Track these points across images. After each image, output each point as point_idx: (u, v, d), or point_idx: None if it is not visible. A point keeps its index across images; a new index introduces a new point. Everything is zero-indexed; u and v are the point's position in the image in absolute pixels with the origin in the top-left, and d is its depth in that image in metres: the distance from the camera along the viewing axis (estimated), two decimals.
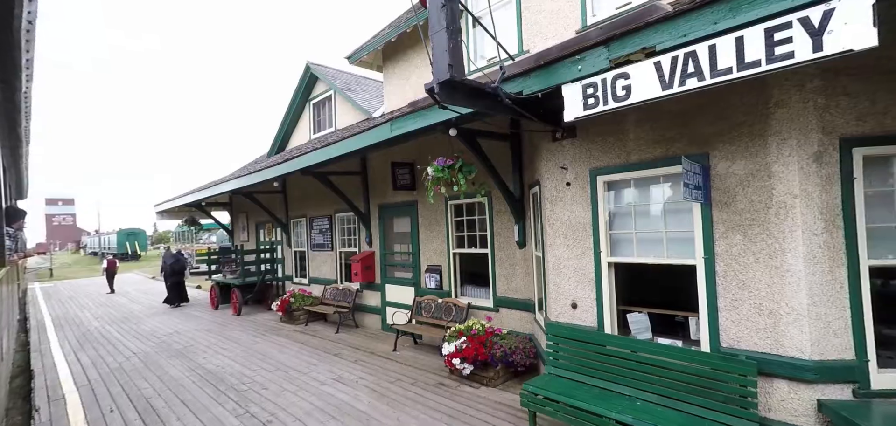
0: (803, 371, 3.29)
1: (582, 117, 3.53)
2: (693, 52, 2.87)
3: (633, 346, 4.22)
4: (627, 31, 3.21)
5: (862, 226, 3.28)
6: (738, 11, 2.70)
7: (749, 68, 2.68)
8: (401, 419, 4.91)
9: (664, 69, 3.02)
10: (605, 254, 4.51)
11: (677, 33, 2.97)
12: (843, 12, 2.37)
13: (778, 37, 2.56)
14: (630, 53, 3.23)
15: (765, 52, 2.62)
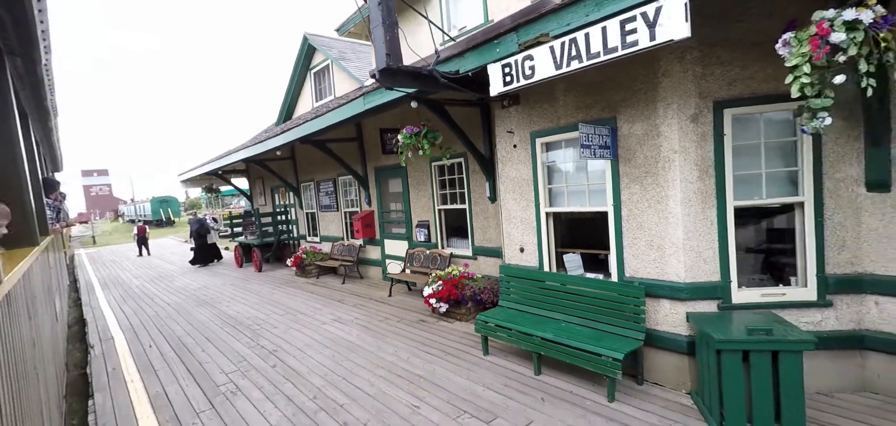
0: (679, 291, 4.11)
1: (502, 91, 4.29)
2: (574, 38, 3.58)
3: (563, 281, 5.10)
4: (529, 20, 3.91)
5: (729, 175, 3.98)
6: (602, 6, 3.38)
7: (610, 53, 3.39)
8: (381, 346, 6.00)
9: (556, 53, 3.74)
10: (543, 206, 5.32)
11: (563, 22, 3.67)
12: (666, 10, 3.04)
13: (628, 28, 3.25)
14: (534, 39, 3.94)
15: (620, 39, 3.32)
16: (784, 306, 3.99)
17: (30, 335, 3.16)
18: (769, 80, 3.83)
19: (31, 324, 3.27)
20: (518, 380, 4.70)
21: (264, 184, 16.58)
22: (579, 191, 5.01)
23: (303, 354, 5.96)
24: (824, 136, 3.84)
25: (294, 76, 13.89)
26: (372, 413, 4.27)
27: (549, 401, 4.22)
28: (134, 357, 6.37)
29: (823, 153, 3.87)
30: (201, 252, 16.00)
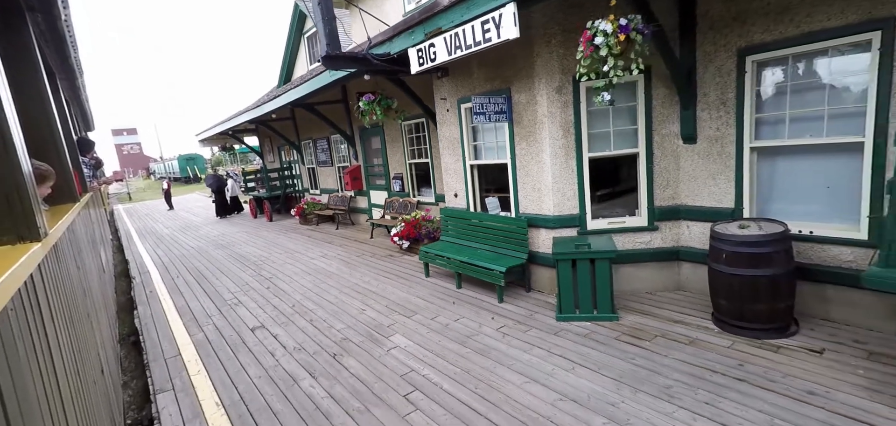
0: (550, 222, 5.44)
1: (419, 71, 5.54)
2: (456, 32, 4.77)
3: (480, 218, 6.48)
4: (428, 16, 5.09)
5: (585, 133, 5.19)
6: (471, 9, 4.55)
7: (477, 45, 4.60)
8: (351, 274, 7.59)
9: (447, 42, 4.94)
10: (469, 159, 6.62)
11: (449, 20, 4.84)
12: (505, 17, 4.22)
13: (486, 28, 4.44)
14: (434, 30, 5.13)
15: (482, 36, 4.52)
16: (625, 231, 5.29)
17: (80, 284, 3.28)
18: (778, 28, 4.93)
19: (79, 274, 3.37)
20: (443, 292, 6.21)
21: (272, 142, 18.12)
22: (492, 147, 6.27)
23: (291, 280, 7.61)
24: (654, 101, 4.99)
25: (289, 40, 15.01)
26: (330, 313, 5.86)
27: (459, 303, 5.71)
28: (165, 284, 8.17)
29: (653, 115, 5.02)
30: (222, 206, 17.88)
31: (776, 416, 3.03)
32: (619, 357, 4.01)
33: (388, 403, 3.72)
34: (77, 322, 2.68)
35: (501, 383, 3.82)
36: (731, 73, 4.54)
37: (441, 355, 4.43)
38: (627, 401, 3.38)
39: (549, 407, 3.43)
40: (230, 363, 4.76)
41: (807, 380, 3.38)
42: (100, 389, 3.02)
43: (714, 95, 4.71)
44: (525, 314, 5.17)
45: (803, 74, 4.15)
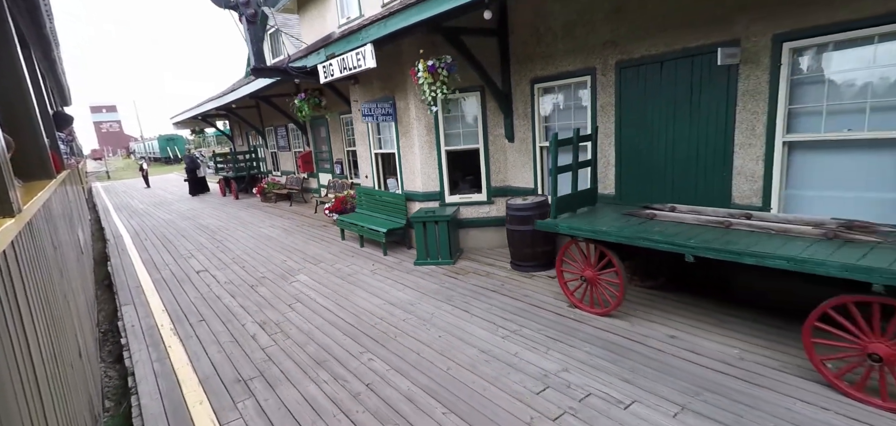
0: (419, 196, 7.32)
1: (325, 82, 7.30)
2: (342, 57, 6.55)
3: (379, 194, 8.33)
4: (327, 44, 6.85)
5: (442, 132, 7.05)
6: (350, 43, 6.32)
7: (354, 69, 6.38)
8: (286, 238, 9.38)
9: (338, 64, 6.72)
10: (373, 148, 8.44)
11: (340, 48, 6.61)
12: (367, 51, 6.01)
13: (357, 57, 6.23)
14: (331, 53, 6.89)
15: (356, 62, 6.30)
16: (472, 204, 7.20)
17: (57, 264, 3.18)
18: (463, 79, 6.78)
19: (56, 254, 3.26)
20: (349, 250, 8.06)
21: (241, 127, 19.59)
22: (388, 140, 8.10)
23: (237, 242, 9.36)
24: (488, 112, 6.87)
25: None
26: (259, 262, 7.66)
27: (355, 256, 7.57)
28: (134, 245, 9.82)
29: (488, 121, 6.91)
30: (194, 184, 19.32)
31: (502, 306, 4.97)
32: (436, 283, 5.93)
33: (276, 308, 5.57)
34: (53, 303, 2.62)
35: (354, 298, 5.71)
36: (528, 95, 6.45)
37: (325, 285, 6.29)
38: (422, 303, 5.31)
39: (374, 306, 5.33)
40: (176, 290, 6.54)
41: (534, 292, 5.35)
42: (78, 373, 3.01)
43: (521, 110, 6.62)
44: (396, 262, 7.06)
45: (565, 98, 6.09)
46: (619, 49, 5.31)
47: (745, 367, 3.51)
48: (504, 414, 3.27)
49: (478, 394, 3.53)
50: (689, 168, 4.86)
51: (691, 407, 3.13)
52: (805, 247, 3.27)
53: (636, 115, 5.27)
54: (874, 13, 3.50)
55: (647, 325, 4.30)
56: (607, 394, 3.37)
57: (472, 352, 4.15)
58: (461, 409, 3.36)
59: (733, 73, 4.36)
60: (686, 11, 4.62)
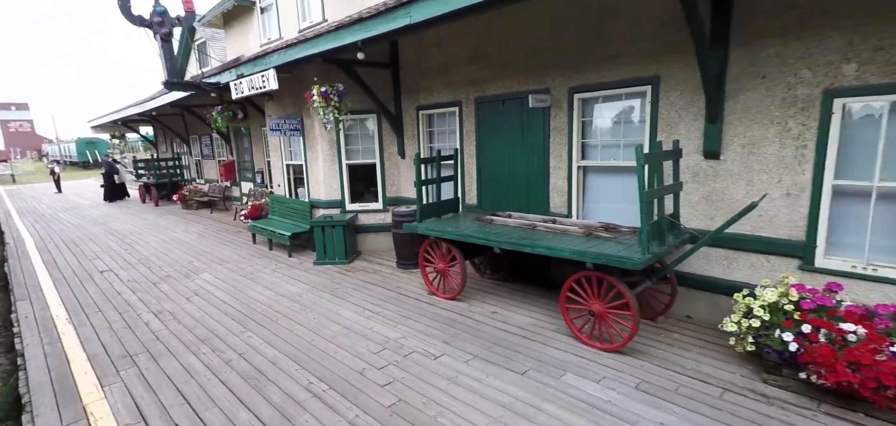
0: (323, 204, 8.10)
1: (237, 98, 7.92)
2: (249, 78, 7.24)
3: (289, 202, 8.99)
4: (237, 64, 7.51)
5: (343, 147, 7.92)
6: (256, 65, 7.04)
7: (260, 89, 7.11)
8: (199, 242, 9.70)
9: (246, 84, 7.39)
10: (285, 160, 9.10)
11: (248, 69, 7.30)
12: (270, 74, 6.77)
13: (263, 79, 6.96)
14: (239, 73, 7.55)
15: (262, 83, 7.03)
16: (371, 212, 8.10)
17: None
18: (361, 103, 7.70)
19: None
20: (258, 252, 8.61)
21: (165, 134, 19.16)
22: (298, 152, 8.81)
23: (148, 245, 9.54)
24: (383, 132, 7.85)
25: (181, 44, 16.41)
26: (166, 263, 8.01)
27: (262, 257, 8.16)
28: (37, 248, 9.65)
29: (383, 140, 7.89)
30: (110, 190, 18.52)
31: (376, 295, 5.87)
32: (327, 279, 6.73)
33: (174, 301, 6.09)
34: None
35: (250, 291, 6.35)
36: (415, 119, 7.53)
37: (226, 281, 6.86)
38: (309, 294, 6.08)
39: (266, 298, 6.03)
40: (77, 287, 6.79)
41: (406, 285, 6.31)
42: None
43: (411, 131, 7.68)
44: (298, 262, 7.76)
45: (440, 123, 7.23)
46: (477, 87, 6.51)
47: (532, 329, 4.67)
48: (343, 367, 4.15)
49: (329, 356, 4.38)
50: (524, 183, 6.10)
51: (481, 356, 4.20)
52: (570, 242, 4.49)
53: (490, 140, 6.47)
54: (620, 78, 4.89)
55: (480, 306, 5.40)
56: (427, 351, 4.37)
57: (337, 329, 5.00)
58: (311, 366, 4.20)
59: (547, 113, 5.65)
60: (517, 64, 5.90)
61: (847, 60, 3.56)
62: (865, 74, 3.49)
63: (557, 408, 3.40)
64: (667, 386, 3.59)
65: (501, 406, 3.46)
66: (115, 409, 3.70)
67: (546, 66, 5.59)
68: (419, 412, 3.47)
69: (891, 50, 3.38)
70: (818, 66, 3.69)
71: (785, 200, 3.99)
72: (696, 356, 4.00)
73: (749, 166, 4.17)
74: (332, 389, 3.85)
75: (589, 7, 5.05)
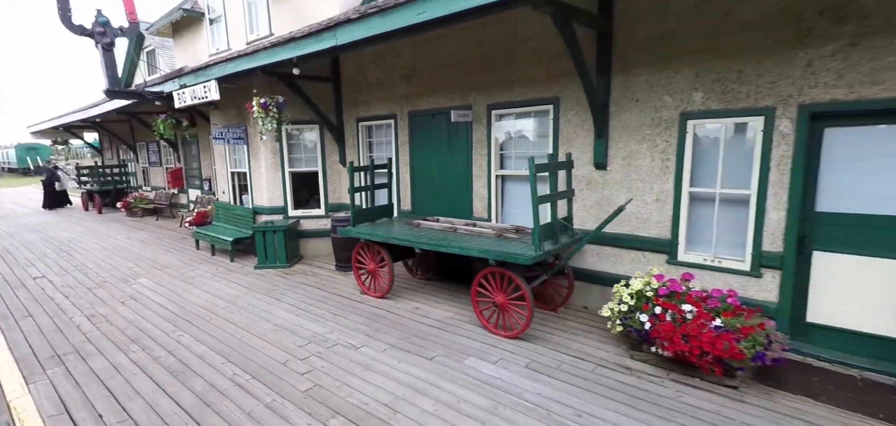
0: (266, 210, 8.26)
1: (180, 107, 7.98)
2: (192, 88, 7.35)
3: (233, 208, 9.06)
4: (180, 74, 7.60)
5: (286, 156, 8.13)
6: (198, 77, 7.18)
7: (203, 99, 7.23)
8: (143, 250, 9.55)
9: (189, 93, 7.49)
10: (229, 168, 9.18)
11: (191, 80, 7.41)
12: (212, 86, 6.93)
13: (206, 90, 7.10)
14: (182, 84, 7.64)
15: (204, 93, 7.17)
16: (313, 217, 8.33)
17: None
18: (304, 114, 7.95)
19: None
20: (200, 258, 8.62)
21: (111, 141, 18.45)
22: (242, 160, 8.93)
23: (86, 252, 9.30)
24: (325, 141, 8.14)
25: (129, 52, 15.97)
26: (104, 269, 7.89)
27: (204, 263, 8.19)
28: None
29: (325, 149, 8.18)
30: (50, 197, 17.58)
31: (311, 296, 6.12)
32: (266, 282, 6.91)
33: (108, 305, 6.09)
34: None
35: (187, 295, 6.44)
36: (355, 130, 7.88)
37: (164, 286, 6.89)
38: (246, 296, 6.26)
39: (203, 300, 6.15)
40: (7, 294, 6.62)
41: (342, 286, 6.60)
42: None
43: (351, 141, 8.02)
44: (239, 266, 7.87)
45: (378, 134, 7.62)
46: (410, 102, 6.95)
47: (448, 322, 5.10)
48: (269, 359, 4.41)
49: (257, 351, 4.63)
50: (451, 190, 6.57)
51: (398, 345, 4.58)
52: (482, 242, 4.97)
53: (422, 150, 6.92)
54: (528, 98, 5.47)
55: (406, 302, 5.79)
56: (349, 343, 4.70)
57: (268, 326, 5.24)
58: (238, 360, 4.43)
59: (470, 127, 6.17)
60: (444, 83, 6.39)
61: (695, 89, 4.26)
62: (708, 101, 4.20)
63: (454, 385, 3.83)
64: (551, 364, 4.10)
65: (405, 385, 3.85)
66: (39, 404, 3.80)
67: (468, 85, 6.11)
68: (331, 393, 3.80)
69: (725, 82, 4.10)
70: (675, 93, 4.39)
71: (656, 205, 4.65)
72: (582, 339, 4.56)
73: (629, 176, 4.82)
74: (254, 379, 4.10)
75: (500, 36, 5.62)
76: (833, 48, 3.52)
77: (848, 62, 3.47)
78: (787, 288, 3.93)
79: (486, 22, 5.48)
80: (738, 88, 4.01)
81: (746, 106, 3.97)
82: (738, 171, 4.14)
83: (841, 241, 3.72)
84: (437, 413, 3.48)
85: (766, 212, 3.98)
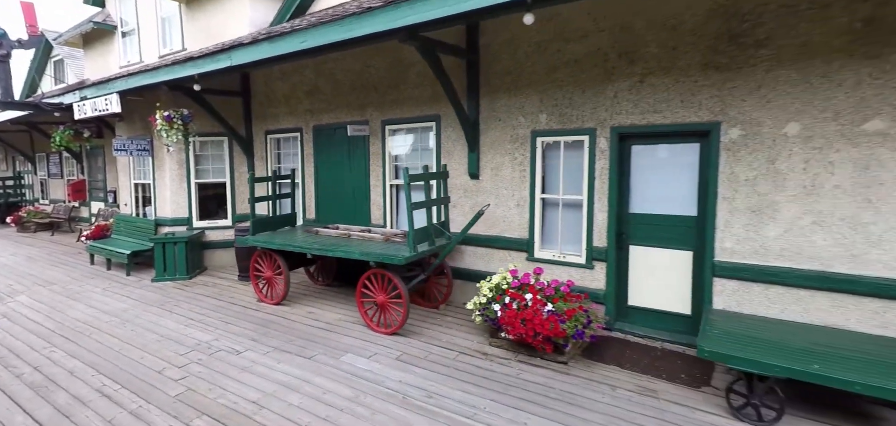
0: (169, 221, 7.92)
1: (81, 118, 7.47)
2: (93, 100, 6.93)
3: (134, 221, 8.57)
4: (81, 86, 7.15)
5: (192, 167, 7.87)
6: (100, 90, 6.79)
7: (104, 111, 6.84)
8: (29, 265, 8.66)
9: (88, 106, 7.05)
10: (133, 180, 8.68)
11: (92, 92, 7.00)
12: (113, 98, 6.60)
13: (107, 102, 6.73)
14: (82, 96, 7.19)
15: (105, 106, 6.79)
16: (220, 229, 8.11)
17: None
18: (213, 127, 7.75)
19: None
20: (93, 272, 8.02)
21: (7, 152, 16.44)
22: (147, 171, 8.48)
23: None
24: (234, 154, 8.00)
25: (34, 59, 14.46)
26: None
27: (96, 277, 7.63)
28: None
29: (234, 161, 8.04)
30: None
31: (206, 306, 5.99)
32: (162, 295, 6.63)
33: None
34: None
35: (70, 311, 6.01)
36: (264, 142, 7.85)
37: (44, 302, 6.36)
38: (135, 309, 5.98)
39: (86, 315, 5.78)
40: None
41: (241, 295, 6.52)
42: None
43: (260, 153, 7.97)
44: (136, 280, 7.46)
45: (286, 146, 7.66)
46: (314, 116, 7.10)
47: (337, 323, 5.27)
48: (144, 369, 4.31)
49: (133, 362, 4.48)
50: (352, 200, 6.78)
51: (282, 348, 4.68)
52: (369, 247, 5.22)
53: (326, 162, 7.07)
54: (415, 115, 5.88)
55: (302, 308, 5.87)
56: (233, 348, 4.71)
57: (152, 338, 5.07)
58: (111, 372, 4.27)
59: (367, 140, 6.45)
60: (343, 100, 6.63)
61: (541, 111, 4.88)
62: (551, 122, 4.83)
63: (325, 379, 4.02)
64: (420, 355, 4.43)
65: (278, 384, 3.97)
66: None
67: (365, 102, 6.39)
68: (201, 396, 3.82)
69: (561, 107, 4.75)
70: (527, 115, 4.98)
71: (517, 210, 5.20)
72: (453, 332, 4.95)
73: (496, 184, 5.34)
74: (124, 388, 3.99)
75: (390, 61, 5.99)
76: (629, 84, 4.26)
77: (639, 95, 4.22)
78: (611, 277, 4.60)
79: (376, 48, 5.84)
80: (570, 112, 4.67)
81: (577, 126, 4.64)
82: (574, 179, 4.78)
83: (645, 237, 4.46)
84: (301, 405, 3.64)
85: (594, 213, 4.64)
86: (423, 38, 4.37)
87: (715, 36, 3.90)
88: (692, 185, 4.25)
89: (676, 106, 4.13)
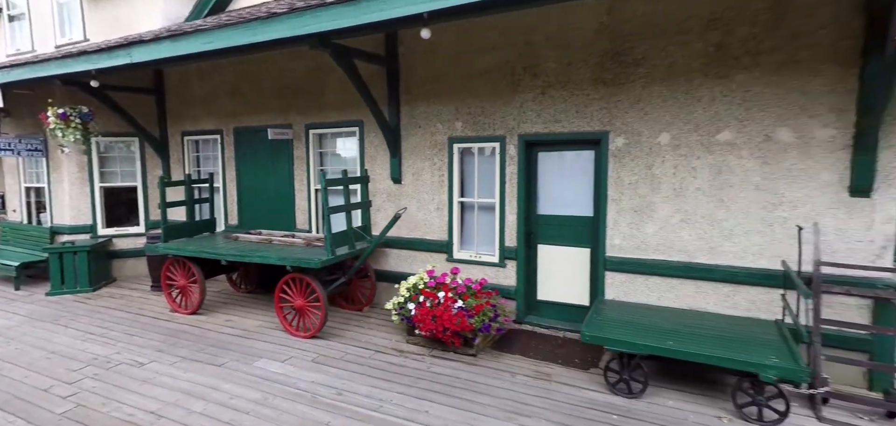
0: (68, 229, 7.16)
1: None
2: None
3: (26, 229, 7.65)
4: None
5: (97, 170, 7.20)
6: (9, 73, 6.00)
7: None
8: None
9: None
10: (22, 183, 7.75)
11: None
12: None
13: None
14: None
15: None
16: (129, 236, 7.48)
17: None
18: (120, 127, 7.14)
19: None
20: None
21: None
22: (42, 174, 7.61)
23: None
24: (147, 155, 7.44)
25: None
26: None
27: None
28: None
29: (147, 163, 7.47)
30: None
31: (109, 319, 5.50)
32: (56, 309, 5.99)
33: None
34: None
35: None
36: (180, 144, 7.39)
37: None
38: (23, 326, 5.36)
39: None
40: None
41: (152, 306, 6.07)
42: None
43: (176, 155, 7.48)
44: (26, 294, 6.66)
45: (205, 149, 7.27)
46: (236, 119, 6.81)
47: (254, 330, 5.10)
48: (27, 388, 3.89)
49: (16, 382, 4.03)
50: (275, 204, 6.58)
51: (191, 357, 4.44)
52: (290, 252, 5.10)
53: (247, 166, 6.79)
54: (338, 119, 5.87)
55: (220, 316, 5.59)
56: (136, 360, 4.39)
57: (40, 355, 4.58)
58: None
59: (290, 145, 6.31)
60: (266, 102, 6.44)
61: (457, 119, 5.10)
62: (466, 129, 5.07)
63: (233, 385, 3.88)
64: (336, 356, 4.42)
65: (182, 393, 3.77)
66: None
67: (288, 105, 6.26)
68: (93, 411, 3.53)
69: (475, 115, 5.00)
70: (444, 122, 5.18)
71: (437, 213, 5.37)
72: (373, 332, 4.99)
73: (418, 189, 5.47)
74: (0, 410, 3.59)
75: (311, 65, 5.91)
76: (533, 95, 4.61)
77: (542, 106, 4.58)
78: (521, 274, 4.90)
79: (294, 52, 5.75)
80: (483, 120, 4.93)
81: (489, 134, 4.91)
82: (488, 184, 5.05)
83: (551, 236, 4.82)
84: (205, 411, 3.49)
85: (505, 215, 4.93)
86: (337, 45, 4.40)
87: (602, 53, 4.34)
88: (589, 189, 4.67)
89: (573, 116, 4.52)
